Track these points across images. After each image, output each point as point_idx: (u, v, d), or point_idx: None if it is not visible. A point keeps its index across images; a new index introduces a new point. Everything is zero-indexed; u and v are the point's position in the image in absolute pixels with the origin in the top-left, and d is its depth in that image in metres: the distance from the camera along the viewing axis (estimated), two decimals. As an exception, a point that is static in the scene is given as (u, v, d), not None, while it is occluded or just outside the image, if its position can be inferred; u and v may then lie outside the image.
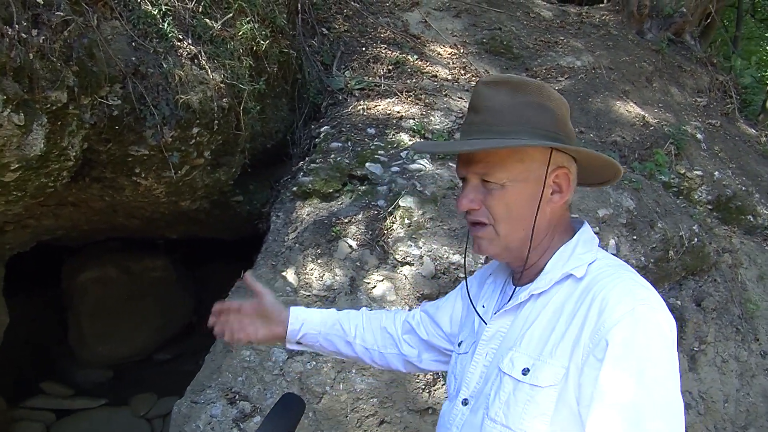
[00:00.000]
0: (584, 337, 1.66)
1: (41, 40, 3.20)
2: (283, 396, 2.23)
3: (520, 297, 1.87)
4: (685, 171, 6.78)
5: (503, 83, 1.84)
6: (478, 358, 1.93)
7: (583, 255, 1.84)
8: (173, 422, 4.48)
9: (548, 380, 1.69)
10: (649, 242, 5.49)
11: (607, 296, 1.66)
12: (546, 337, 1.75)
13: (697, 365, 5.56)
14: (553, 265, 1.85)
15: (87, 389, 8.45)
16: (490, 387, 1.83)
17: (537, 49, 8.15)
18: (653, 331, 1.61)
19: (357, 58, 6.87)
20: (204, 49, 4.71)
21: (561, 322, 1.74)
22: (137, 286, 9.13)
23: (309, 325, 2.38)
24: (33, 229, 5.68)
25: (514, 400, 1.74)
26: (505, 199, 1.83)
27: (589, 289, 1.74)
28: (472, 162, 1.85)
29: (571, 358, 1.67)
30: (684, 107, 7.99)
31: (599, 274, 1.76)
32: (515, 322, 1.87)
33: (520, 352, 1.79)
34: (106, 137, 4.19)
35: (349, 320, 2.44)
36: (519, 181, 1.82)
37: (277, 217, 5.29)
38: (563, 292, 1.80)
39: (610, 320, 1.62)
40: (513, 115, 1.80)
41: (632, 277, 1.75)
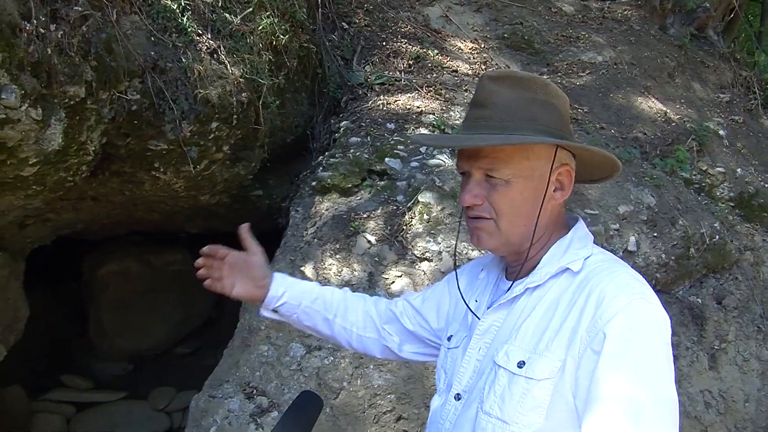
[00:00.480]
0: (581, 329, 1.65)
1: (59, 35, 3.20)
2: (301, 393, 2.21)
3: (515, 290, 1.86)
4: (707, 168, 6.71)
5: (508, 78, 1.84)
6: (471, 352, 1.92)
7: (579, 250, 1.84)
8: (191, 416, 4.49)
9: (544, 373, 1.68)
10: (669, 239, 5.44)
11: (605, 289, 1.67)
12: (542, 330, 1.75)
13: (718, 364, 5.51)
14: (548, 259, 1.85)
15: (106, 382, 8.51)
16: (484, 381, 1.82)
17: (558, 45, 8.08)
18: (650, 325, 1.63)
19: (377, 53, 6.84)
20: (223, 43, 4.71)
21: (557, 315, 1.74)
22: (157, 279, 9.17)
23: (290, 294, 2.32)
24: (53, 223, 5.70)
25: (509, 393, 1.73)
26: (509, 195, 1.82)
27: (585, 282, 1.74)
28: (476, 157, 1.83)
29: (567, 350, 1.67)
30: (706, 103, 7.91)
31: (595, 268, 1.77)
32: (509, 316, 1.86)
33: (515, 345, 1.77)
34: (125, 132, 4.20)
35: (332, 297, 2.38)
36: (523, 178, 1.81)
37: (296, 211, 5.28)
38: (559, 286, 1.80)
39: (608, 313, 1.62)
40: (519, 111, 1.79)
41: (628, 271, 1.77)
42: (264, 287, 2.32)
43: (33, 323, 6.41)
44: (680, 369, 5.26)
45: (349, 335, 2.38)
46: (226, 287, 2.33)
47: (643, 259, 5.25)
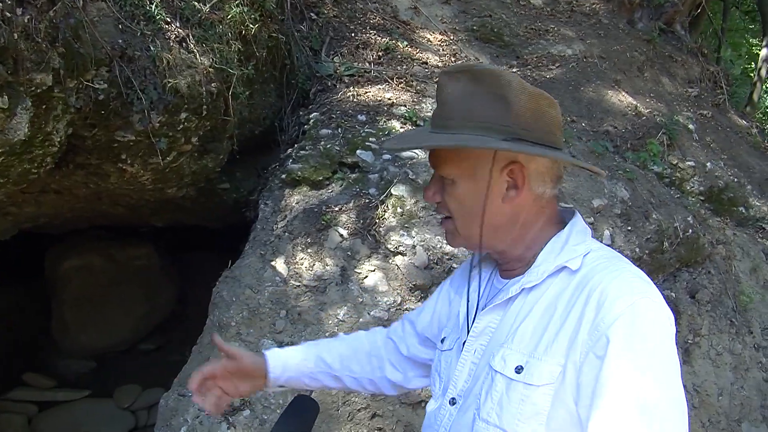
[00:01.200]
0: (582, 333, 1.56)
1: (26, 20, 3.08)
2: (297, 396, 2.13)
3: (510, 291, 1.77)
4: (678, 161, 6.72)
5: (461, 73, 1.75)
6: (466, 355, 1.84)
7: (577, 246, 1.75)
8: (160, 416, 4.38)
9: (543, 378, 1.60)
10: (643, 233, 5.42)
11: (606, 290, 1.57)
12: (540, 333, 1.66)
13: (691, 358, 5.51)
14: (544, 257, 1.76)
15: (70, 380, 8.39)
16: (480, 386, 1.74)
17: (528, 37, 8.06)
18: (655, 325, 1.53)
19: (346, 44, 6.75)
20: (192, 32, 4.60)
21: (556, 318, 1.65)
22: (121, 274, 9.06)
23: (290, 370, 2.24)
24: (14, 217, 5.57)
25: (507, 399, 1.65)
26: (455, 195, 1.78)
27: (585, 282, 1.64)
28: (432, 156, 1.83)
29: (567, 355, 1.58)
30: (675, 97, 7.93)
31: (595, 266, 1.67)
32: (505, 318, 1.77)
33: (512, 349, 1.69)
34: (92, 122, 4.08)
35: (330, 352, 2.30)
36: (466, 177, 1.76)
37: (266, 205, 5.18)
38: (557, 286, 1.70)
39: (610, 315, 1.53)
40: (460, 108, 1.73)
41: (629, 269, 1.67)
42: (262, 374, 2.21)
43: (-6, 320, 6.27)
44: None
45: (362, 382, 2.33)
46: (233, 397, 2.26)
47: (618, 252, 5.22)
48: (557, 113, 1.77)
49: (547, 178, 1.78)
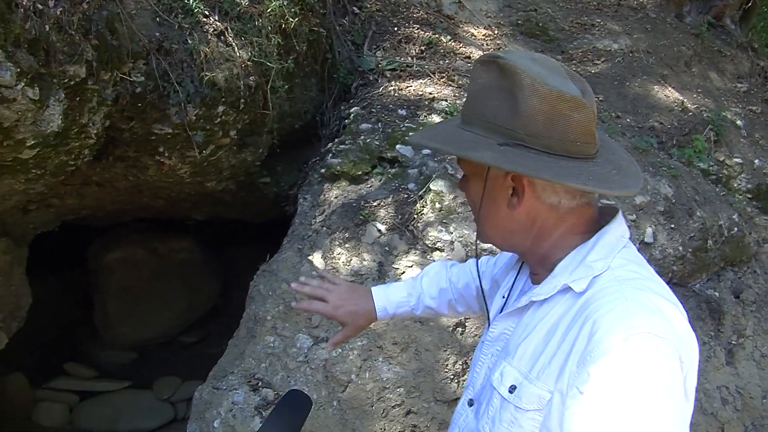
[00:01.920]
0: (570, 362, 1.48)
1: (58, 12, 3.08)
2: (289, 391, 2.11)
3: (521, 301, 1.72)
4: (725, 158, 6.57)
5: (489, 62, 1.63)
6: (484, 358, 1.81)
7: (595, 263, 1.59)
8: (194, 408, 4.40)
9: (532, 403, 1.55)
10: (687, 231, 5.31)
11: (600, 320, 1.45)
12: (538, 353, 1.58)
13: (735, 359, 5.39)
14: (561, 270, 1.64)
15: (110, 371, 8.46)
16: (485, 396, 1.71)
17: (573, 32, 7.95)
18: (647, 371, 1.38)
19: (389, 38, 6.71)
20: (231, 25, 4.60)
21: (553, 341, 1.56)
22: (163, 267, 9.12)
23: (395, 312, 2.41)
24: (57, 209, 5.62)
25: (499, 418, 1.62)
26: (469, 192, 1.76)
27: (585, 307, 1.52)
28: None
29: (555, 383, 1.51)
30: (724, 93, 7.77)
31: (602, 290, 1.54)
32: (517, 328, 1.71)
33: (512, 365, 1.63)
34: (129, 115, 4.09)
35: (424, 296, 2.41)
36: (476, 176, 1.69)
37: (305, 199, 5.17)
38: (563, 306, 1.60)
39: (597, 351, 1.41)
40: (476, 102, 1.64)
41: (640, 297, 1.49)
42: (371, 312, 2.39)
43: (38, 311, 6.33)
44: (697, 364, 5.15)
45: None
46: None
47: (660, 251, 5.13)
48: (584, 117, 1.57)
49: (560, 189, 1.63)
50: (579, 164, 1.56)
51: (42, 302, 6.64)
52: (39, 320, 6.95)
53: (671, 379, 1.39)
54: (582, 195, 1.65)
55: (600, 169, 1.59)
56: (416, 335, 4.35)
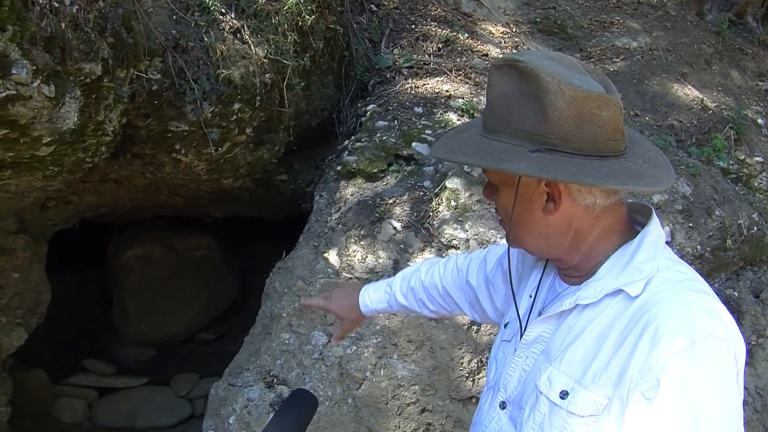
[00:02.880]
0: (632, 368, 1.46)
1: (74, 10, 3.09)
2: (295, 391, 2.11)
3: (564, 305, 1.67)
4: (745, 157, 6.52)
5: (506, 67, 1.59)
6: (517, 360, 1.76)
7: (643, 265, 1.58)
8: (210, 405, 4.42)
9: (588, 409, 1.52)
10: (705, 230, 5.28)
11: (663, 325, 1.44)
12: (590, 358, 1.56)
13: (755, 360, 5.35)
14: (606, 272, 1.63)
15: (129, 367, 8.51)
16: (526, 400, 1.67)
17: (592, 29, 7.91)
18: (715, 372, 1.40)
19: (406, 36, 6.71)
20: (247, 23, 4.61)
21: (608, 345, 1.53)
22: (182, 264, 9.16)
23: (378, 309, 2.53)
24: (75, 206, 5.65)
25: (549, 423, 1.58)
26: (501, 201, 1.72)
27: (643, 311, 1.50)
28: None
29: (615, 388, 1.49)
30: (744, 91, 7.70)
31: (657, 294, 1.52)
32: (559, 331, 1.68)
33: (560, 370, 1.60)
34: (146, 112, 4.11)
35: (408, 297, 2.46)
36: (507, 185, 1.66)
37: (321, 196, 5.18)
38: (614, 309, 1.57)
39: (664, 356, 1.41)
40: (501, 110, 1.59)
41: (696, 299, 1.49)
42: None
43: (57, 307, 6.38)
44: (715, 364, 5.11)
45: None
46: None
47: (678, 250, 5.09)
48: (612, 114, 1.54)
49: (596, 190, 1.61)
50: (612, 162, 1.55)
51: (61, 299, 6.69)
52: (58, 317, 6.99)
53: (732, 380, 1.42)
54: (616, 193, 1.64)
55: (632, 165, 1.57)
56: (431, 333, 4.34)
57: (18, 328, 5.63)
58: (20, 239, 5.37)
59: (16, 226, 5.25)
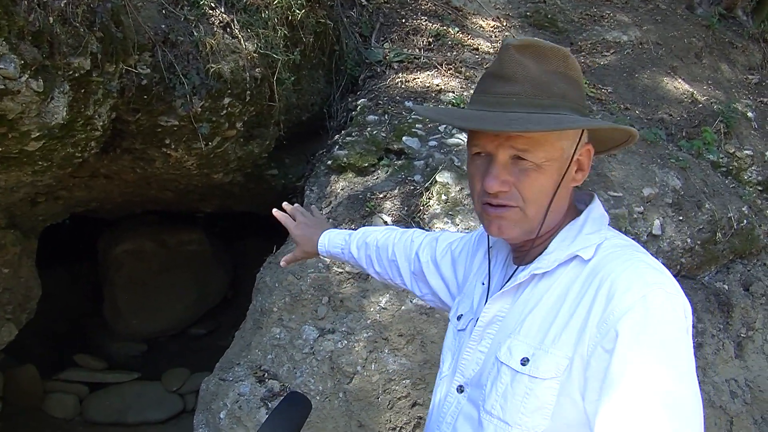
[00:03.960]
0: (590, 325, 1.50)
1: (62, 4, 3.08)
2: (288, 394, 2.11)
3: (519, 277, 1.71)
4: (735, 150, 6.54)
5: (532, 48, 1.65)
6: (473, 343, 1.77)
7: (591, 235, 1.67)
8: (201, 399, 4.41)
9: (549, 371, 1.54)
10: (695, 223, 5.29)
11: (616, 281, 1.51)
12: (548, 323, 1.59)
13: (744, 352, 5.36)
14: (557, 244, 1.69)
15: (120, 362, 8.51)
16: (486, 377, 1.68)
17: (582, 23, 7.92)
18: (667, 318, 1.45)
19: (396, 30, 6.70)
20: (237, 17, 4.60)
21: (565, 308, 1.58)
22: (173, 259, 9.15)
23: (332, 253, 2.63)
24: (65, 201, 5.64)
25: (511, 392, 1.59)
26: (540, 180, 1.63)
27: (596, 272, 1.57)
28: (508, 137, 1.62)
29: (575, 347, 1.52)
30: (734, 84, 7.72)
31: (608, 255, 1.61)
32: (515, 306, 1.71)
33: (519, 339, 1.62)
34: (135, 107, 4.10)
35: (360, 250, 2.56)
36: (554, 161, 1.63)
37: (311, 191, 5.17)
38: (568, 275, 1.63)
39: (620, 308, 1.46)
40: (550, 86, 1.61)
41: (644, 258, 1.59)
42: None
43: (48, 302, 6.37)
44: (705, 357, 5.13)
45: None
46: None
47: (668, 243, 5.11)
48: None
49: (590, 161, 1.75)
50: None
51: (52, 294, 6.68)
52: (49, 312, 6.99)
53: (684, 325, 1.48)
54: None
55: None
56: (422, 327, 4.34)
57: (8, 323, 5.62)
58: (10, 234, 5.35)
59: (6, 221, 5.23)
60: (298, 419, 2.01)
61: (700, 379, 5.10)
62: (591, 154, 1.73)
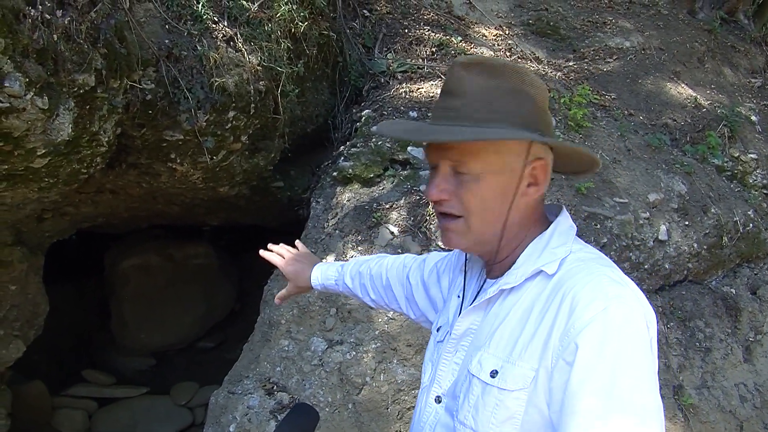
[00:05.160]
0: (553, 338, 1.55)
1: (66, 21, 3.09)
2: (296, 405, 2.11)
3: (488, 292, 1.76)
4: (739, 154, 6.54)
5: (480, 65, 1.69)
6: (448, 355, 1.82)
7: (557, 249, 1.72)
8: (210, 413, 4.41)
9: (517, 383, 1.59)
10: (702, 228, 5.29)
11: (577, 295, 1.56)
12: (515, 337, 1.64)
13: (753, 356, 5.35)
14: (525, 259, 1.73)
15: (129, 377, 8.51)
16: (460, 388, 1.72)
17: (585, 30, 7.94)
18: (627, 331, 1.49)
19: (399, 41, 6.71)
20: (240, 31, 4.61)
21: (531, 322, 1.63)
22: (179, 273, 9.15)
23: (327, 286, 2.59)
24: (72, 217, 5.64)
25: (482, 403, 1.63)
26: (479, 192, 1.68)
27: (559, 286, 1.62)
28: (444, 149, 1.70)
29: (540, 360, 1.57)
30: (738, 88, 7.73)
31: (571, 269, 1.66)
32: (485, 320, 1.76)
33: (489, 353, 1.67)
34: (140, 122, 4.10)
35: (354, 282, 2.54)
36: (494, 173, 1.68)
37: (317, 203, 5.18)
38: (534, 290, 1.68)
39: (580, 321, 1.51)
40: (491, 102, 1.66)
41: (606, 272, 1.63)
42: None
43: (55, 318, 6.38)
44: (714, 362, 5.12)
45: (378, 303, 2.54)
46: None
47: (675, 248, 5.10)
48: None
49: (549, 175, 1.77)
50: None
51: (59, 310, 6.68)
52: (56, 328, 7.00)
53: (645, 337, 1.52)
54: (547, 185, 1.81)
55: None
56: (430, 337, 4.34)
57: (16, 340, 5.62)
58: (17, 251, 5.36)
59: (13, 238, 5.24)
60: (307, 430, 2.01)
61: (710, 384, 5.10)
62: (546, 170, 1.74)
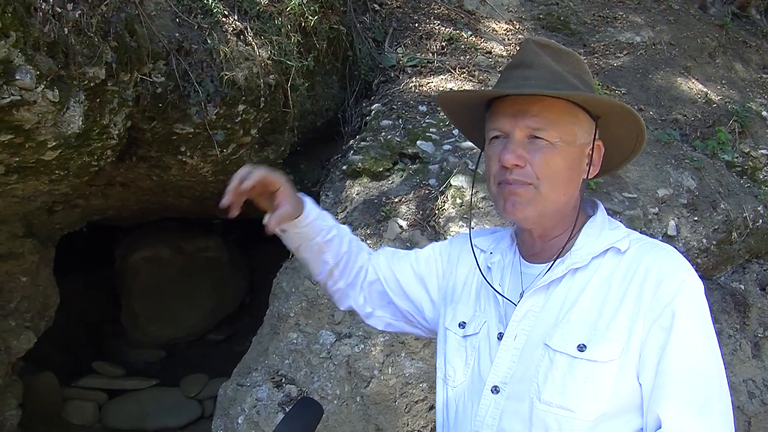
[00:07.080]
0: (643, 309, 1.63)
1: (77, 15, 3.11)
2: (300, 399, 2.12)
3: (555, 273, 1.76)
4: (750, 150, 6.50)
5: (551, 48, 1.80)
6: (507, 341, 1.78)
7: (615, 230, 1.82)
8: (219, 405, 4.44)
9: (608, 355, 1.63)
10: (711, 224, 5.28)
11: (662, 268, 1.66)
12: (597, 311, 1.68)
13: (762, 352, 5.34)
14: (584, 240, 1.80)
15: (138, 369, 8.54)
16: (535, 369, 1.70)
17: (595, 25, 7.91)
18: (702, 300, 1.66)
19: (409, 35, 6.72)
20: (250, 24, 4.62)
21: (612, 295, 1.69)
22: (190, 266, 9.17)
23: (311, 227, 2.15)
24: (82, 209, 5.66)
25: (572, 379, 1.64)
26: (553, 159, 1.72)
27: (638, 260, 1.70)
28: (523, 115, 1.71)
29: (630, 330, 1.63)
30: (749, 84, 7.69)
31: (642, 246, 1.75)
32: (550, 300, 1.76)
33: (570, 328, 1.69)
34: (150, 115, 4.12)
35: (342, 246, 2.20)
36: (568, 144, 1.74)
37: (327, 196, 5.19)
38: (607, 267, 1.74)
39: (671, 290, 1.62)
40: (567, 79, 1.74)
41: (669, 248, 1.77)
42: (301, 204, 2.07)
43: (66, 310, 6.41)
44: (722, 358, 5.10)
45: (334, 282, 2.25)
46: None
47: (684, 243, 5.09)
48: None
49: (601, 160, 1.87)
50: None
51: (70, 302, 6.71)
52: (67, 320, 7.03)
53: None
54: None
55: None
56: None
57: (27, 331, 5.66)
58: (28, 243, 5.39)
59: (24, 230, 5.27)
60: (311, 424, 2.02)
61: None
62: (602, 152, 1.84)
